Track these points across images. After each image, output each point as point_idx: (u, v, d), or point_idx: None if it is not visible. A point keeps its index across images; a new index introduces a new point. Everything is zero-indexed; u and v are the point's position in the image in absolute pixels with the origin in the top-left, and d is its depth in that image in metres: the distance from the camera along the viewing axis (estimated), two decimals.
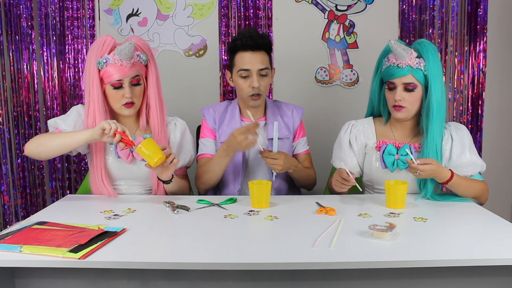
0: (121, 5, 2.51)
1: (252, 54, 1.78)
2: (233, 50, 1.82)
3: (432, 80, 1.59)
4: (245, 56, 1.78)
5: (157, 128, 1.73)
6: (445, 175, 1.56)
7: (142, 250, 1.17)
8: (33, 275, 1.22)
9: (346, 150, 1.77)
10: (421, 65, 1.59)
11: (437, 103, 1.59)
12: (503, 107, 2.61)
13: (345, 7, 2.52)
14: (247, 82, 1.79)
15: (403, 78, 1.61)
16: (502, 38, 2.55)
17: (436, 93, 1.59)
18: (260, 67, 1.78)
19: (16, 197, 2.56)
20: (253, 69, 1.78)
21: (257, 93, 1.79)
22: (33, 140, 1.63)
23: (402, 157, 1.66)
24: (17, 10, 2.46)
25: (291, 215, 1.46)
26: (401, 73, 1.60)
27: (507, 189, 2.67)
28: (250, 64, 1.77)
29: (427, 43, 1.62)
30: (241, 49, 1.78)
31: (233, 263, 1.09)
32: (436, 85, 1.59)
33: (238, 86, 1.83)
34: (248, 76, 1.79)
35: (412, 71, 1.59)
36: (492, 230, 1.32)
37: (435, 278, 1.19)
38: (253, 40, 1.77)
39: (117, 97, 1.64)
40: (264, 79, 1.81)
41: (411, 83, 1.60)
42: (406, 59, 1.59)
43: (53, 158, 1.95)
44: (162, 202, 1.57)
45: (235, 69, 1.82)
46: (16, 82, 2.50)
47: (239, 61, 1.80)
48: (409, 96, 1.62)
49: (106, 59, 1.61)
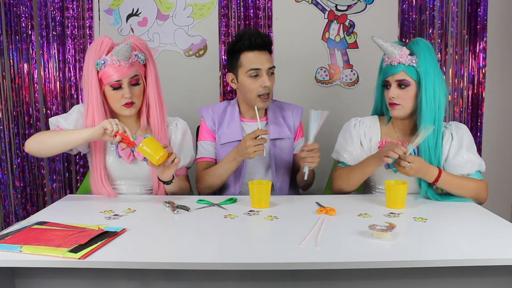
0: (121, 5, 2.51)
1: (259, 53, 1.77)
2: (237, 51, 1.79)
3: (424, 77, 1.59)
4: (253, 55, 1.76)
5: (157, 128, 1.73)
6: (432, 173, 1.56)
7: (142, 250, 1.17)
8: (33, 275, 1.22)
9: (357, 145, 1.75)
10: (414, 62, 1.60)
11: (427, 99, 1.59)
12: (503, 107, 2.61)
13: (345, 7, 2.52)
14: (257, 81, 1.76)
15: (396, 75, 1.62)
16: (502, 38, 2.55)
17: (427, 90, 1.59)
18: (270, 65, 1.77)
19: (16, 197, 2.56)
20: (264, 68, 1.76)
21: (267, 92, 1.77)
22: (34, 137, 1.63)
23: None
24: (17, 10, 2.46)
25: (291, 215, 1.46)
26: (394, 70, 1.62)
27: (507, 189, 2.67)
28: (259, 63, 1.76)
29: (420, 40, 1.63)
30: (248, 49, 1.76)
31: (233, 263, 1.09)
32: (428, 82, 1.59)
33: (245, 87, 1.79)
34: (258, 76, 1.76)
35: (405, 68, 1.61)
36: (492, 230, 1.32)
37: (435, 278, 1.19)
38: (261, 39, 1.76)
39: (116, 98, 1.64)
40: (272, 78, 1.80)
41: (403, 79, 1.61)
42: (397, 57, 1.61)
43: (53, 156, 1.94)
44: (162, 202, 1.57)
45: (242, 69, 1.78)
46: (16, 82, 2.50)
47: (246, 61, 1.77)
48: (402, 93, 1.63)
49: (104, 60, 1.61)
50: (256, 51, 1.76)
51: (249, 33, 1.78)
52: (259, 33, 1.79)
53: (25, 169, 2.55)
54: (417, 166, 1.53)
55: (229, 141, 1.84)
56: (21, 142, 2.52)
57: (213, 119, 1.88)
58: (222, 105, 1.93)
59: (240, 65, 1.79)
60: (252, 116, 1.86)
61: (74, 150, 1.69)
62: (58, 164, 2.55)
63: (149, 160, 1.55)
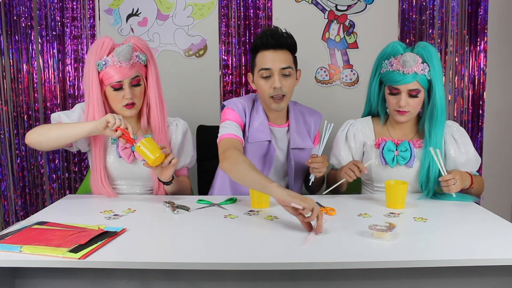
0: (121, 5, 2.51)
1: (274, 53, 1.69)
2: (254, 50, 1.74)
3: (436, 85, 1.61)
4: (266, 55, 1.69)
5: (157, 128, 1.73)
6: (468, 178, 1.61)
7: (142, 250, 1.17)
8: (33, 275, 1.21)
9: (341, 146, 1.78)
10: (426, 71, 1.60)
11: (441, 107, 1.62)
12: (504, 107, 2.61)
13: (345, 7, 2.52)
14: (268, 82, 1.69)
15: (409, 85, 1.61)
16: (502, 38, 2.55)
17: (440, 98, 1.61)
18: (282, 65, 1.68)
19: (16, 197, 2.56)
20: (275, 68, 1.68)
21: (279, 94, 1.69)
22: (35, 129, 1.62)
23: (401, 153, 1.68)
24: (17, 10, 2.46)
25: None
26: (407, 80, 1.60)
27: (507, 189, 2.67)
28: (271, 63, 1.68)
29: (430, 47, 1.62)
30: (262, 48, 1.70)
31: (233, 263, 1.09)
32: (439, 90, 1.61)
33: (259, 88, 1.74)
34: (270, 76, 1.69)
35: (417, 77, 1.60)
36: (492, 230, 1.32)
37: (435, 278, 1.19)
38: (275, 39, 1.69)
39: (117, 99, 1.64)
40: (288, 79, 1.70)
41: (416, 89, 1.61)
42: (413, 67, 1.59)
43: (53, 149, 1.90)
44: (162, 202, 1.57)
45: (256, 69, 1.73)
46: (16, 82, 2.50)
47: (259, 61, 1.71)
48: (412, 102, 1.63)
49: (105, 61, 1.61)
50: (271, 50, 1.69)
51: (265, 32, 1.72)
52: (274, 32, 1.71)
53: (25, 169, 2.55)
54: (459, 177, 1.56)
55: (259, 141, 1.76)
56: (20, 142, 2.52)
57: (244, 109, 1.77)
58: (250, 99, 1.83)
59: (255, 65, 1.74)
60: (272, 118, 1.80)
61: (74, 146, 1.69)
62: (58, 164, 2.55)
63: (146, 161, 1.55)
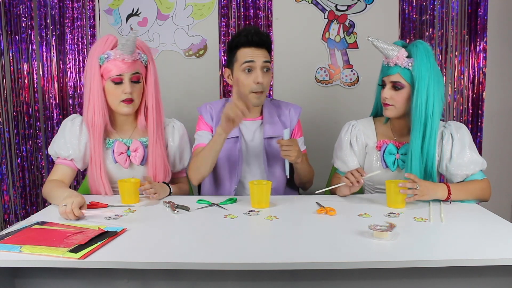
0: (121, 5, 2.51)
1: (255, 49, 1.76)
2: (235, 47, 1.79)
3: (418, 81, 1.58)
4: (248, 51, 1.76)
5: (153, 130, 1.72)
6: (442, 191, 1.56)
7: (142, 250, 1.17)
8: (33, 275, 1.21)
9: (347, 151, 1.77)
10: (409, 65, 1.60)
11: (418, 104, 1.58)
12: (503, 107, 2.61)
13: (345, 7, 2.52)
14: (250, 77, 1.75)
15: (391, 76, 1.63)
16: (502, 38, 2.55)
17: (419, 95, 1.58)
18: (264, 59, 1.76)
19: (16, 197, 2.56)
20: (257, 62, 1.75)
21: (261, 90, 1.76)
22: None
23: (402, 156, 1.67)
24: (17, 10, 2.46)
25: (291, 215, 1.46)
26: (389, 71, 1.63)
27: (507, 189, 2.67)
28: (254, 57, 1.75)
29: (420, 43, 1.62)
30: (245, 45, 1.76)
31: (233, 263, 1.09)
32: (421, 87, 1.57)
33: (239, 82, 1.78)
34: (252, 71, 1.75)
35: (400, 70, 1.61)
36: (492, 230, 1.32)
37: (435, 278, 1.19)
38: (258, 36, 1.76)
39: (116, 93, 1.65)
40: (267, 75, 1.78)
41: (397, 81, 1.62)
42: (394, 58, 1.61)
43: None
44: (162, 202, 1.57)
45: (237, 64, 1.78)
46: (16, 82, 2.50)
47: (241, 56, 1.77)
48: (396, 95, 1.63)
49: (108, 55, 1.62)
50: (253, 48, 1.76)
51: (247, 30, 1.78)
52: (257, 30, 1.79)
53: (25, 169, 2.55)
54: (422, 189, 1.51)
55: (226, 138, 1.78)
56: (20, 142, 2.52)
57: (211, 115, 1.87)
58: (220, 103, 1.92)
59: (235, 60, 1.79)
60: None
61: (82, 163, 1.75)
62: None
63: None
